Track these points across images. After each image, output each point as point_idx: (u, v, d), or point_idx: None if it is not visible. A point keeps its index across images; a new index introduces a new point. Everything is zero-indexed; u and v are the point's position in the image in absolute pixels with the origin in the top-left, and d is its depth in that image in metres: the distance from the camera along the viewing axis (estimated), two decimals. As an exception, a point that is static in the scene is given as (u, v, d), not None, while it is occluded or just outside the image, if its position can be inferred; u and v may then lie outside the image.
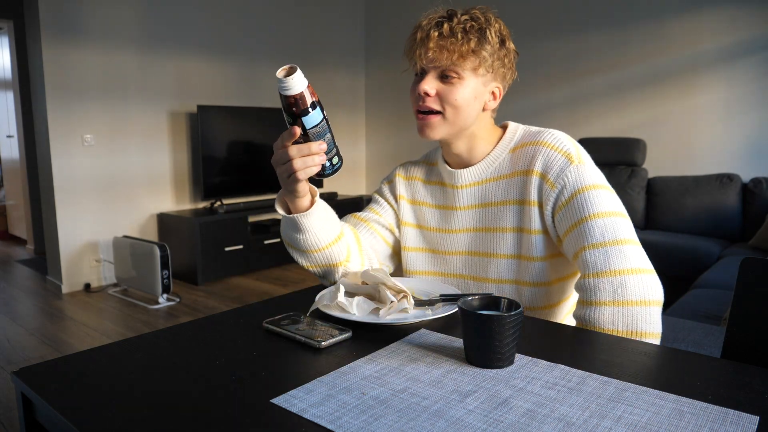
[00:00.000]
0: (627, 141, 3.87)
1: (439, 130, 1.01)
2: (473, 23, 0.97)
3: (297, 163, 0.86)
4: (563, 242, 0.98)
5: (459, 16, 0.98)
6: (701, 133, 3.73)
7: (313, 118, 0.84)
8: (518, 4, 4.47)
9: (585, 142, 4.03)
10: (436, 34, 0.96)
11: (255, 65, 4.68)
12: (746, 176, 3.54)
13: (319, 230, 0.99)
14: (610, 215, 0.93)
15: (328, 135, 0.88)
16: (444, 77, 0.98)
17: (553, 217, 0.99)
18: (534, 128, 1.07)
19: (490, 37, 0.97)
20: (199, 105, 4.09)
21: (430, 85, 0.98)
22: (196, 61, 4.30)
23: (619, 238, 0.91)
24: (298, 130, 0.84)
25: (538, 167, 1.00)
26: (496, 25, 0.99)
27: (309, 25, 5.09)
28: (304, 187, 0.94)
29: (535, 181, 1.00)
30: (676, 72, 3.78)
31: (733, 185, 3.45)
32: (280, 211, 1.00)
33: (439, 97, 0.99)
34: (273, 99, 4.82)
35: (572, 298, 1.08)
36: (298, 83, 0.81)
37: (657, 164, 3.89)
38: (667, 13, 3.77)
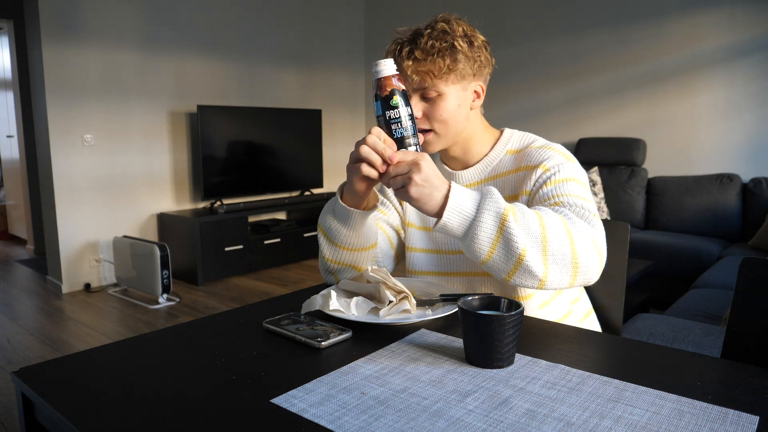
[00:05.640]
0: (627, 141, 3.87)
1: (435, 145, 1.05)
2: (441, 38, 0.97)
3: (363, 150, 0.86)
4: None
5: (424, 35, 0.98)
6: (701, 133, 3.72)
7: (384, 105, 0.88)
8: (518, 4, 4.47)
9: (585, 142, 4.04)
10: (410, 60, 0.98)
11: (255, 65, 4.68)
12: (746, 176, 3.54)
13: (363, 234, 1.02)
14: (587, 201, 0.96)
15: (401, 128, 0.88)
16: (425, 97, 1.00)
17: (535, 190, 1.00)
18: (532, 135, 1.10)
19: (459, 46, 0.98)
20: (199, 105, 4.09)
21: (415, 108, 1.00)
22: (196, 61, 4.30)
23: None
24: (378, 131, 0.87)
25: (542, 162, 1.01)
26: (460, 30, 1.00)
27: (309, 24, 5.09)
28: (367, 188, 0.92)
29: (535, 173, 1.01)
30: (676, 72, 3.77)
31: (733, 185, 3.45)
32: (339, 197, 0.99)
33: (426, 116, 1.01)
34: (273, 99, 4.82)
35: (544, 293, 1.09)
36: (382, 69, 0.88)
37: (657, 164, 3.89)
38: (667, 13, 3.77)
